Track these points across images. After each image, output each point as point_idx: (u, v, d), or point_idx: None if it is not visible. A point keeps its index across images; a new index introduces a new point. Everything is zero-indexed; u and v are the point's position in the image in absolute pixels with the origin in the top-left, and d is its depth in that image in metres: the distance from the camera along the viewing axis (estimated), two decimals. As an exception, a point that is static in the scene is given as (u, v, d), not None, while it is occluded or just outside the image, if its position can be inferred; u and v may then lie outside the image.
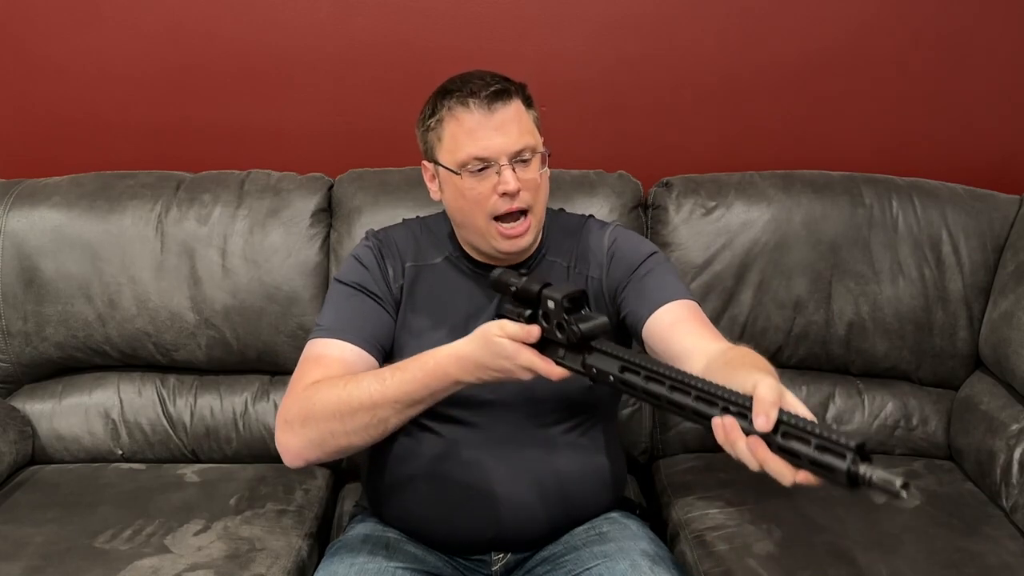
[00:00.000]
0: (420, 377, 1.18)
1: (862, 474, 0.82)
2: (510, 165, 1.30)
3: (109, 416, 1.83)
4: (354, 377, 1.24)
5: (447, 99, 1.34)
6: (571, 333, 1.05)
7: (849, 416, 1.84)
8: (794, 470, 0.86)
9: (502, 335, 1.09)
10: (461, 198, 1.34)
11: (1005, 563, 1.44)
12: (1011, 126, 2.06)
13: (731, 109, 2.05)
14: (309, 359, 1.33)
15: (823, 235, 1.81)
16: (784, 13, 2.00)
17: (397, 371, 1.20)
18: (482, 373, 1.13)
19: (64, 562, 1.45)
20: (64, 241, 1.79)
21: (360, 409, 1.20)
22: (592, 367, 1.05)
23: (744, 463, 0.89)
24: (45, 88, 2.03)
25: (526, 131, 1.33)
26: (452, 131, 1.33)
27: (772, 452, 0.87)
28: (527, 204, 1.32)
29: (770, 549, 1.46)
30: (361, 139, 2.04)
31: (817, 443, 0.84)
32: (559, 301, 1.06)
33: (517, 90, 1.35)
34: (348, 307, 1.38)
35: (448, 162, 1.34)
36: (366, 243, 1.46)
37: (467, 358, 1.14)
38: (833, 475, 0.83)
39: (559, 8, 1.99)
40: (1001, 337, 1.73)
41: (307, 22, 1.99)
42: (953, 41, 2.02)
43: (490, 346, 1.10)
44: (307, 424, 1.24)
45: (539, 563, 1.39)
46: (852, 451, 0.82)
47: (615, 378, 1.02)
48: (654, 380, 0.98)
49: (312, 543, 1.58)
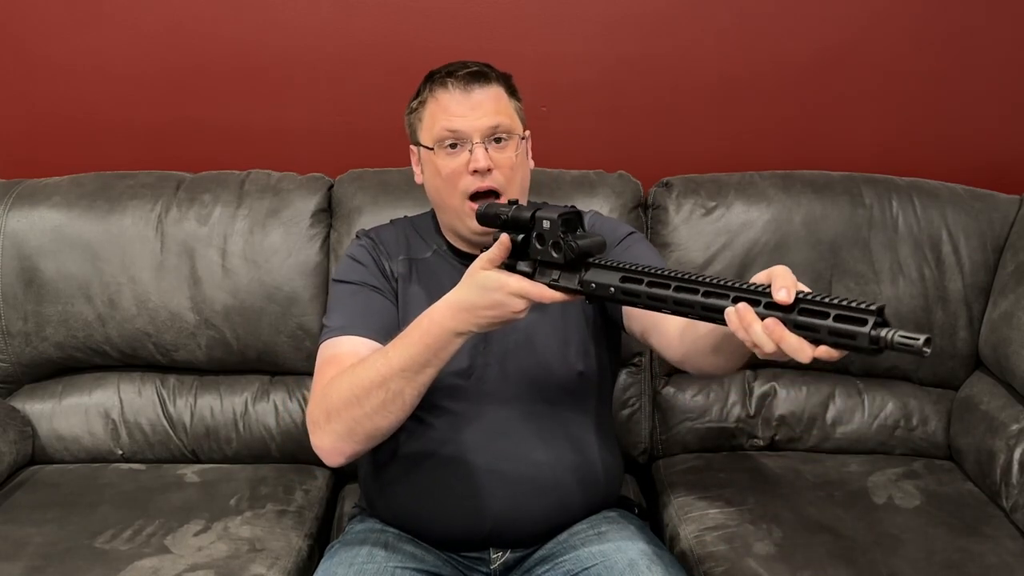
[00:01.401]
0: (419, 338, 1.17)
1: (884, 336, 0.81)
2: (483, 144, 1.34)
3: (109, 416, 1.83)
4: (361, 361, 1.24)
5: (429, 82, 1.40)
6: (568, 250, 1.04)
7: (849, 416, 1.84)
8: (812, 346, 0.86)
9: (484, 266, 1.10)
10: (437, 176, 1.37)
11: (1005, 563, 1.44)
12: (1011, 126, 2.06)
13: (731, 109, 2.05)
14: (324, 361, 1.34)
15: (823, 235, 1.81)
16: (784, 14, 2.00)
17: (399, 340, 1.20)
18: (476, 317, 1.12)
19: (64, 562, 1.45)
20: (64, 241, 1.79)
21: (372, 387, 1.20)
22: (591, 282, 1.03)
23: (758, 347, 0.89)
24: (45, 88, 2.03)
25: (503, 112, 1.36)
26: (431, 110, 1.38)
27: (791, 335, 0.87)
28: (498, 184, 1.35)
29: (770, 549, 1.46)
30: (361, 139, 2.04)
31: (837, 313, 0.84)
32: (555, 220, 1.06)
33: (498, 77, 1.39)
34: (353, 303, 1.39)
35: (426, 140, 1.38)
36: (359, 242, 1.48)
37: (457, 303, 1.13)
38: (855, 341, 0.83)
39: (559, 8, 2.00)
40: (1001, 337, 1.73)
41: (307, 22, 2.00)
42: (953, 41, 2.02)
43: (475, 280, 1.10)
44: (331, 419, 1.24)
45: (538, 562, 1.39)
46: (873, 314, 0.82)
47: (616, 289, 1.01)
48: (658, 284, 0.97)
49: (312, 543, 1.58)
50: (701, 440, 1.84)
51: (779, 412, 1.83)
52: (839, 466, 1.75)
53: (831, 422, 1.83)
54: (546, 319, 1.40)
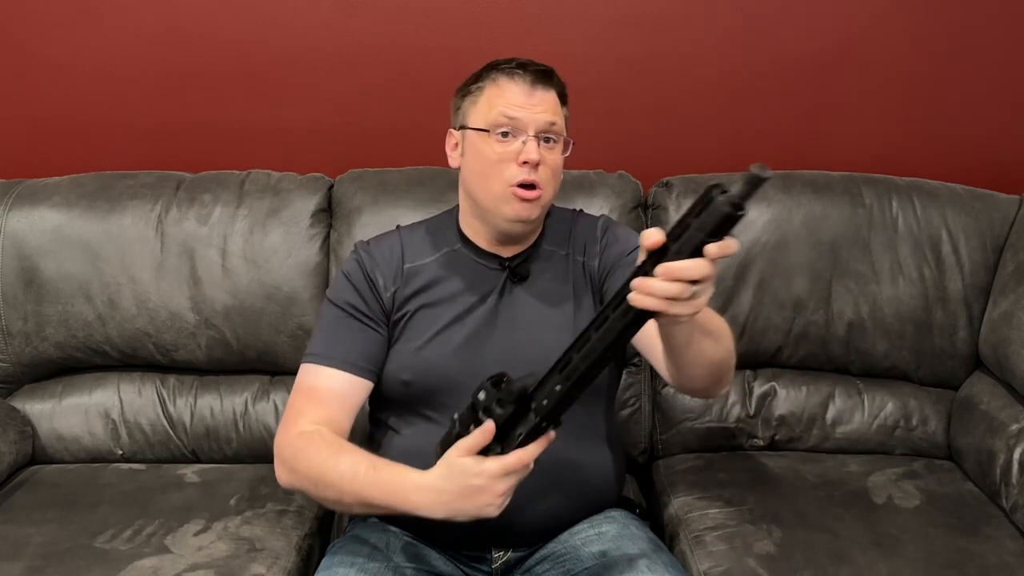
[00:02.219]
0: (385, 486, 1.19)
1: (731, 193, 0.88)
2: (536, 139, 1.36)
3: (109, 416, 1.83)
4: (338, 451, 1.26)
5: (493, 71, 1.40)
6: (508, 397, 1.06)
7: (849, 416, 1.84)
8: (706, 261, 0.92)
9: (460, 454, 1.10)
10: (483, 159, 1.37)
11: (1005, 563, 1.44)
12: (1011, 126, 2.06)
13: (731, 109, 2.05)
14: (302, 389, 1.37)
15: (823, 235, 1.81)
16: (784, 14, 2.00)
17: (373, 469, 1.21)
18: (445, 502, 1.12)
19: (64, 562, 1.45)
20: (64, 241, 1.79)
21: (331, 486, 1.24)
22: (542, 401, 1.05)
23: (673, 295, 0.93)
24: (45, 88, 2.03)
25: (558, 114, 1.39)
26: (490, 95, 1.38)
27: (678, 261, 0.92)
28: (542, 181, 1.37)
29: (770, 549, 1.46)
30: (361, 139, 2.04)
31: (695, 219, 0.90)
32: (484, 386, 1.09)
33: (558, 84, 1.42)
34: (337, 332, 1.41)
35: (478, 123, 1.38)
36: (354, 256, 1.47)
37: (428, 487, 1.14)
38: (719, 212, 0.88)
39: (559, 8, 2.00)
40: (1001, 337, 1.73)
41: (307, 22, 2.00)
42: (953, 41, 2.02)
43: (451, 468, 1.11)
44: (293, 473, 1.31)
45: (538, 562, 1.39)
46: (714, 189, 0.89)
47: (561, 386, 1.03)
48: (577, 347, 1.00)
49: (312, 543, 1.58)
50: (701, 440, 1.84)
51: (779, 412, 1.83)
52: (839, 466, 1.75)
53: (831, 422, 1.84)
54: (550, 317, 1.41)
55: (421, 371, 1.38)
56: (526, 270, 1.44)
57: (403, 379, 1.39)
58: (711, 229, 0.89)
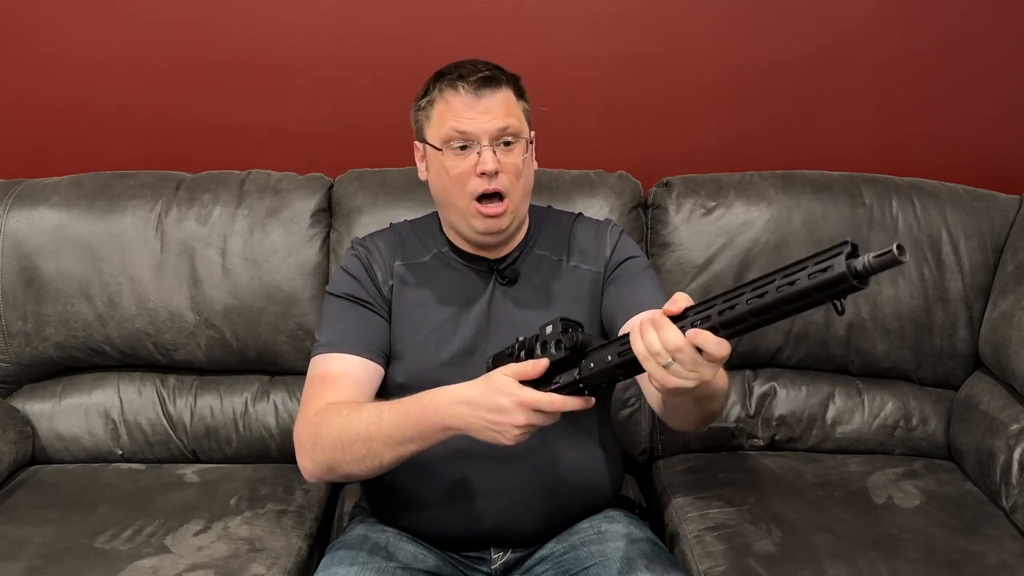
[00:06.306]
0: (414, 413, 1.18)
1: (864, 267, 0.80)
2: (491, 147, 1.34)
3: (109, 416, 1.83)
4: (358, 407, 1.26)
5: (439, 82, 1.39)
6: (568, 341, 1.07)
7: (849, 416, 1.84)
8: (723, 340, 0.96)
9: (505, 372, 1.10)
10: (444, 175, 1.38)
11: (1005, 563, 1.44)
12: (1011, 126, 2.06)
13: (731, 109, 2.05)
14: (315, 379, 1.36)
15: (823, 235, 1.80)
16: (784, 13, 2.00)
17: (396, 406, 1.21)
18: (473, 415, 1.12)
19: (64, 562, 1.45)
20: (64, 241, 1.79)
21: (357, 440, 1.22)
22: (589, 364, 1.06)
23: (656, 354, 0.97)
24: (45, 88, 2.03)
25: (511, 115, 1.37)
26: (440, 110, 1.37)
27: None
28: (504, 187, 1.36)
29: (770, 549, 1.46)
30: (361, 139, 2.04)
31: (810, 271, 0.84)
32: (555, 321, 1.10)
33: (508, 80, 1.39)
34: (344, 319, 1.41)
35: (434, 140, 1.38)
36: (352, 252, 1.48)
37: (463, 395, 1.14)
38: (835, 279, 0.82)
39: (559, 8, 1.99)
40: (1001, 337, 1.73)
41: (307, 22, 2.00)
42: (953, 41, 2.02)
43: (490, 381, 1.11)
44: (316, 449, 1.28)
45: (538, 562, 1.39)
46: (846, 244, 0.82)
47: (610, 360, 1.04)
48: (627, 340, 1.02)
49: (312, 543, 1.58)
50: (701, 440, 1.84)
51: (779, 412, 1.83)
52: (839, 466, 1.75)
53: (831, 422, 1.83)
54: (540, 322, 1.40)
55: (415, 375, 1.38)
56: (515, 272, 1.44)
57: (399, 382, 1.40)
58: (824, 291, 0.84)
